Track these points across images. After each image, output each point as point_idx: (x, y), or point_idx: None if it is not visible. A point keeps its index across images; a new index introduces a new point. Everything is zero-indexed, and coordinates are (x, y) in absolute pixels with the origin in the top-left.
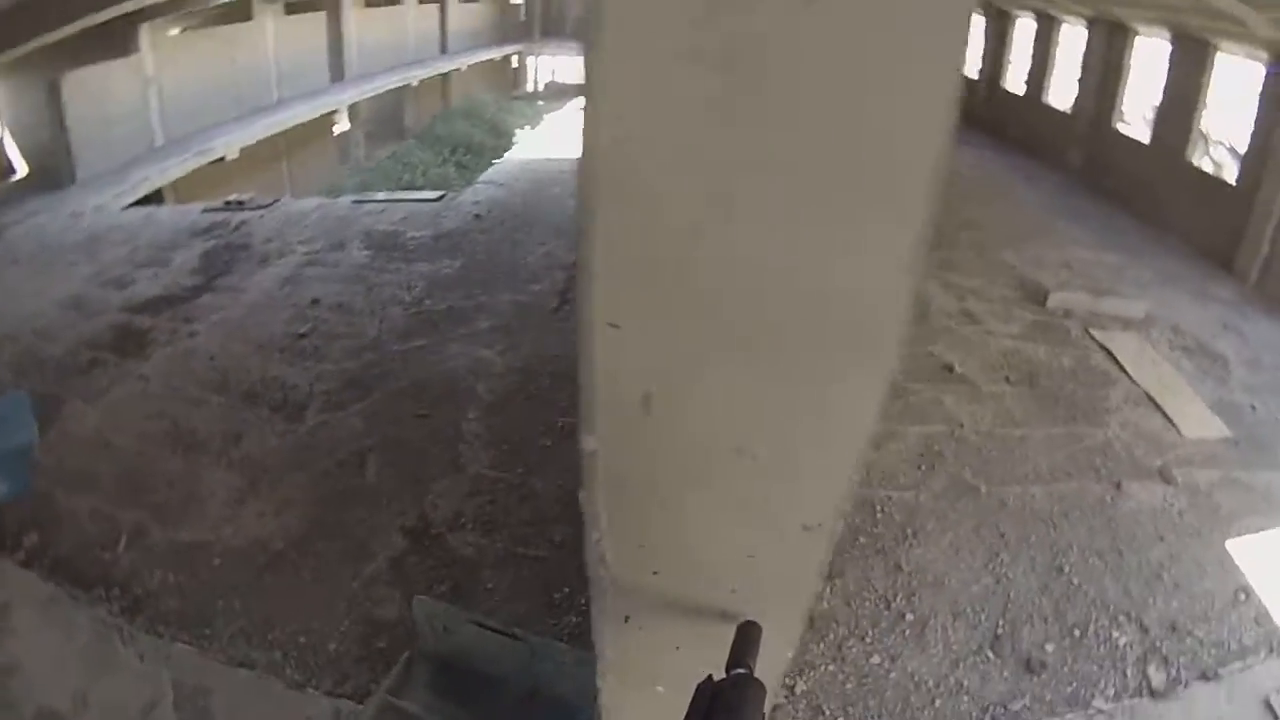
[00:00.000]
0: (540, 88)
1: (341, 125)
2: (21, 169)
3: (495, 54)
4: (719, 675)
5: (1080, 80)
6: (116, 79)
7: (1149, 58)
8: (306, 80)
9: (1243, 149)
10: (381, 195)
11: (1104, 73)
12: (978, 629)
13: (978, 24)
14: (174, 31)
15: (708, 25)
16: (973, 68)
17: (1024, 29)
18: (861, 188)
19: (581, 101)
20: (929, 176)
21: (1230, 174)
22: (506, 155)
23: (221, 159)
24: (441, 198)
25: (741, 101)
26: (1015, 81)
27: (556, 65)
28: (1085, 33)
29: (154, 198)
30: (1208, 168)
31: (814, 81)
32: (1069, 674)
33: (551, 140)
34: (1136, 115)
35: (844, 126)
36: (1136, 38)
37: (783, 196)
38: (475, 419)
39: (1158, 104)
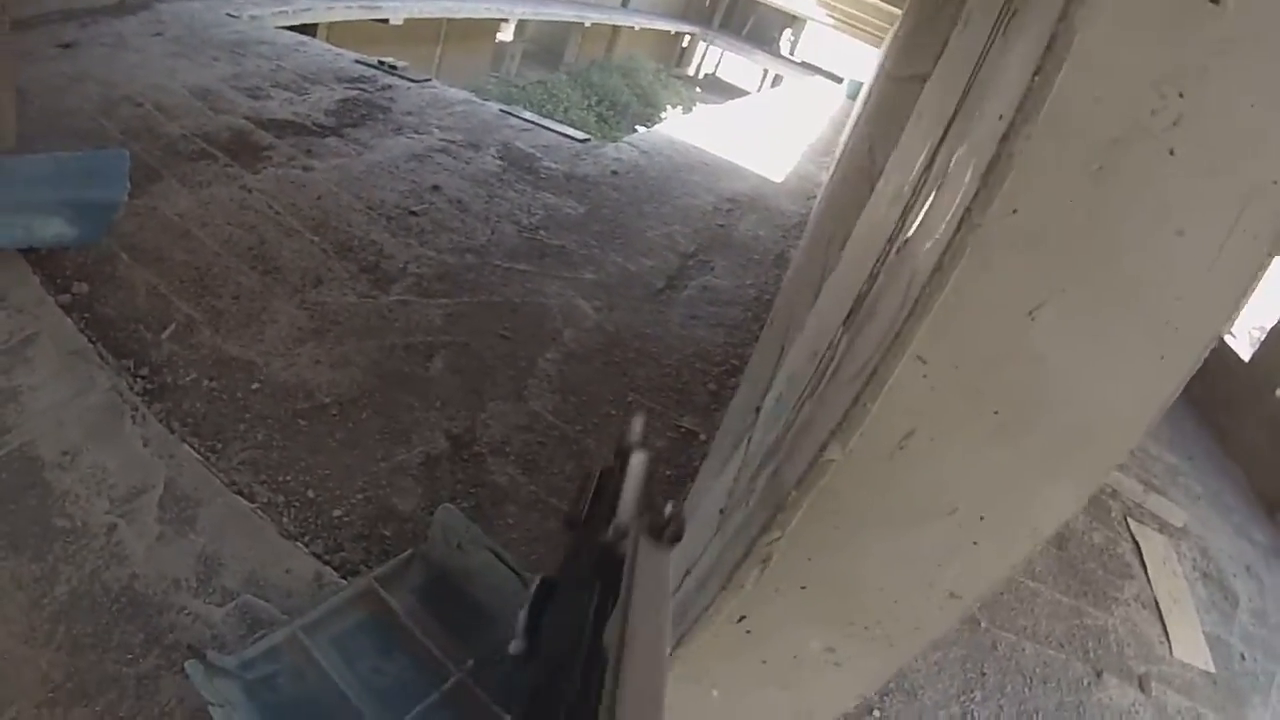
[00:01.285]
0: (700, 75)
1: (504, 35)
2: None
3: (670, 27)
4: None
5: None
6: None
7: None
8: None
9: None
10: (529, 115)
11: None
12: None
13: None
14: None
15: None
16: None
17: None
18: (1149, 338)
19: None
20: (1201, 350)
21: None
22: (655, 127)
23: (385, 21)
24: (586, 141)
25: (1092, 229)
26: None
27: (723, 60)
28: None
29: (307, 32)
30: None
31: (1141, 242)
32: None
33: (700, 129)
34: (1246, 329)
35: (1154, 290)
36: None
37: (1093, 316)
38: (552, 360)
39: (1270, 327)
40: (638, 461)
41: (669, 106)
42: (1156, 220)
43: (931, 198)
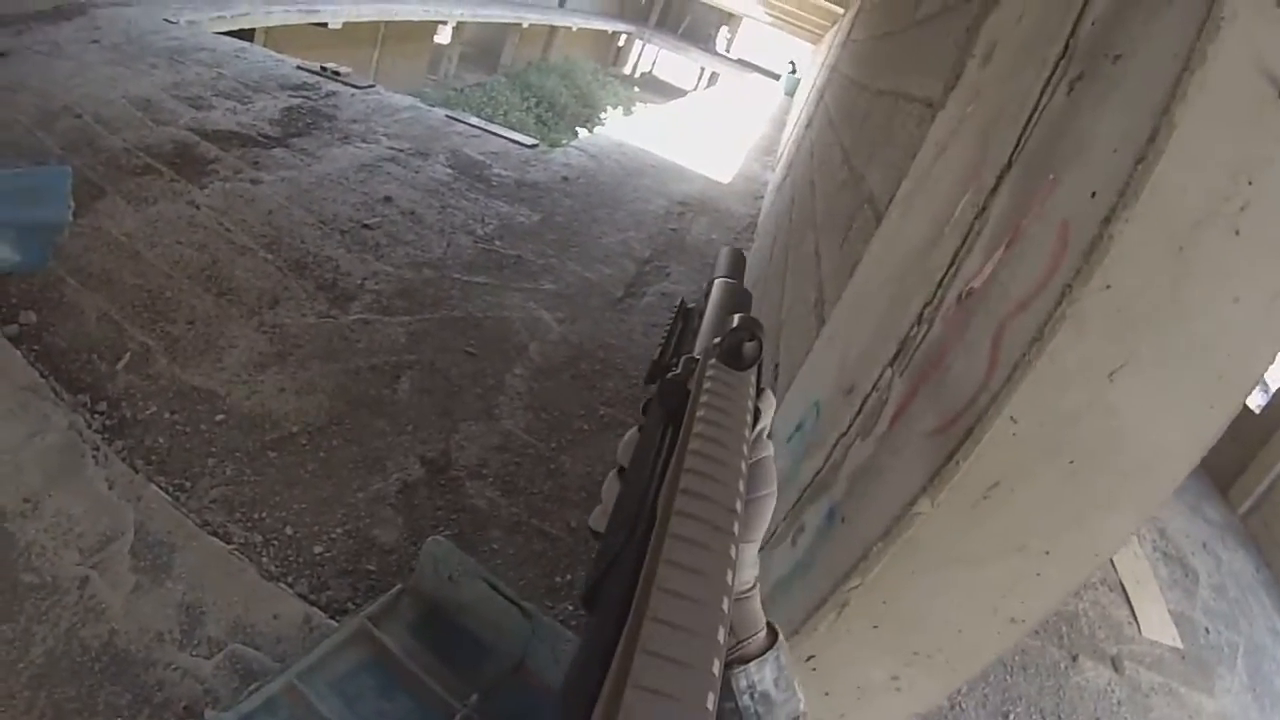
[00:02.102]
0: (637, 74)
1: (442, 37)
2: None
3: (606, 27)
4: None
5: None
6: None
7: None
8: None
9: (1277, 383)
10: (475, 120)
11: None
12: None
13: None
14: None
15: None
16: None
17: None
18: (1203, 390)
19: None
20: (1242, 398)
21: (1256, 403)
22: (601, 130)
23: (323, 25)
24: (534, 147)
25: (1168, 300)
26: None
27: (660, 58)
28: None
29: (245, 37)
30: None
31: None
32: None
33: (646, 131)
34: None
35: (1209, 345)
36: None
37: (1160, 374)
38: (520, 376)
39: None
40: (719, 289)
41: (608, 107)
42: (1219, 289)
43: (999, 253)
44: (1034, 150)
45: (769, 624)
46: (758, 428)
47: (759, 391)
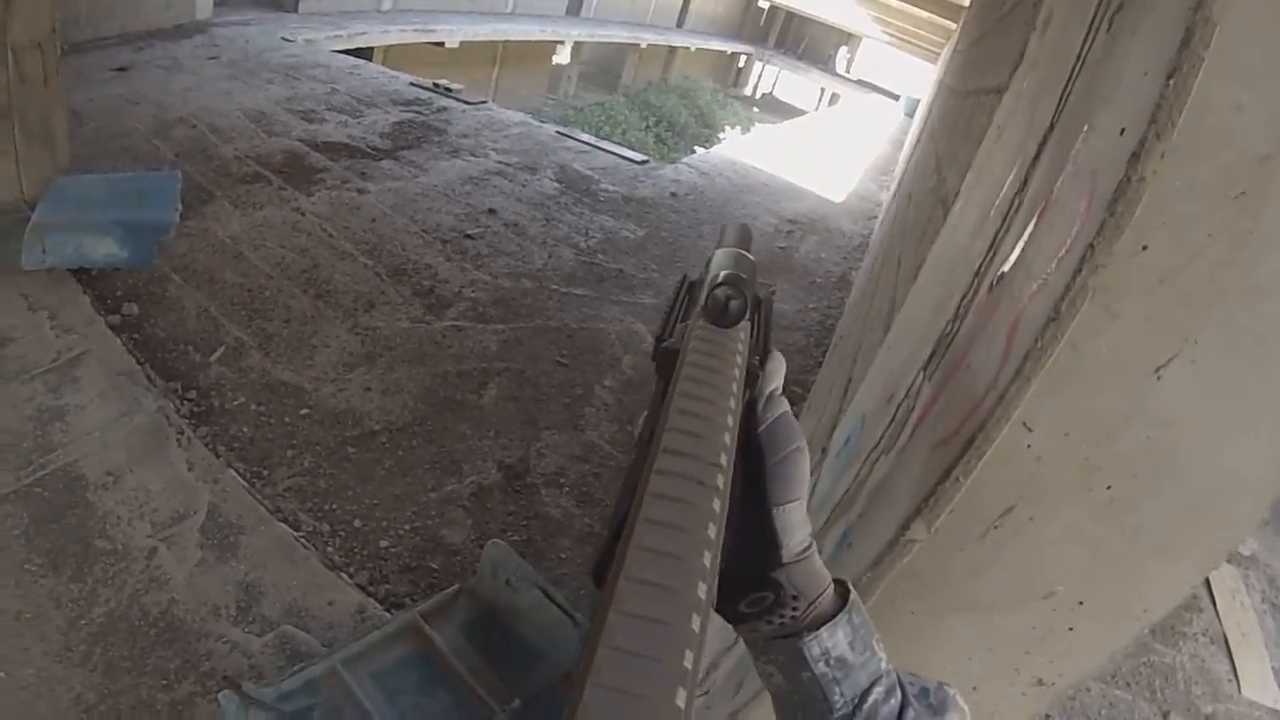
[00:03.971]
0: (757, 94)
1: (561, 58)
2: None
3: (725, 47)
4: None
5: None
6: None
7: None
8: (542, 3)
9: None
10: (586, 136)
11: None
12: None
13: None
14: None
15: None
16: None
17: None
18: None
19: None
20: None
21: None
22: (713, 148)
23: (440, 44)
24: (644, 163)
25: (1231, 266)
26: None
27: (780, 79)
28: None
29: (363, 55)
30: None
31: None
32: None
33: (758, 149)
34: None
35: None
36: None
37: (1227, 369)
38: (609, 388)
39: None
40: (719, 257)
41: (727, 127)
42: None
43: (1031, 227)
44: (1074, 104)
45: (839, 581)
46: (770, 388)
47: (766, 352)
